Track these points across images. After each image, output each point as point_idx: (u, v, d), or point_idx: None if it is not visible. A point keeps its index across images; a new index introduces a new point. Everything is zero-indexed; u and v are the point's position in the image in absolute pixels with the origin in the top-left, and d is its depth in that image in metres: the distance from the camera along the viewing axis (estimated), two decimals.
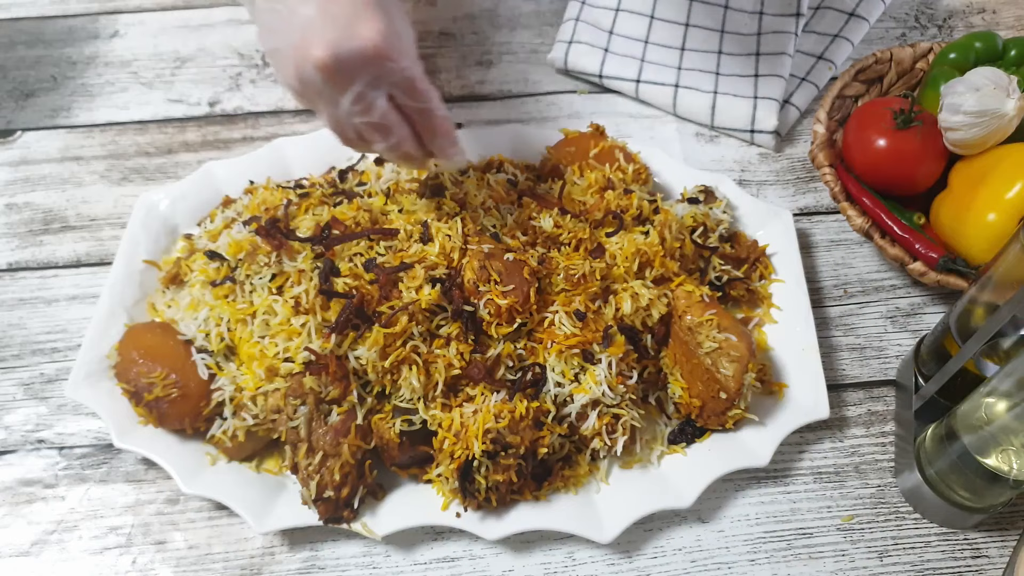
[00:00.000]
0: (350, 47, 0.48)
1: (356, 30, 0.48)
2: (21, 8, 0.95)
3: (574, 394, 0.58)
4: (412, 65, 0.51)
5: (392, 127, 0.54)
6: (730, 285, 0.67)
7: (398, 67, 0.50)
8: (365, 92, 0.51)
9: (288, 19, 0.50)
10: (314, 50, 0.48)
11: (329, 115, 0.53)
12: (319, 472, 0.56)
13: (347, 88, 0.50)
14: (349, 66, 0.49)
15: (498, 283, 0.58)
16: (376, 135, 0.54)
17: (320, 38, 0.48)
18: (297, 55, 0.49)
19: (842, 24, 0.86)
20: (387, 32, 0.49)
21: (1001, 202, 0.61)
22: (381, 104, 0.52)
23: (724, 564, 0.58)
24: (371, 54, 0.49)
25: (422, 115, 0.54)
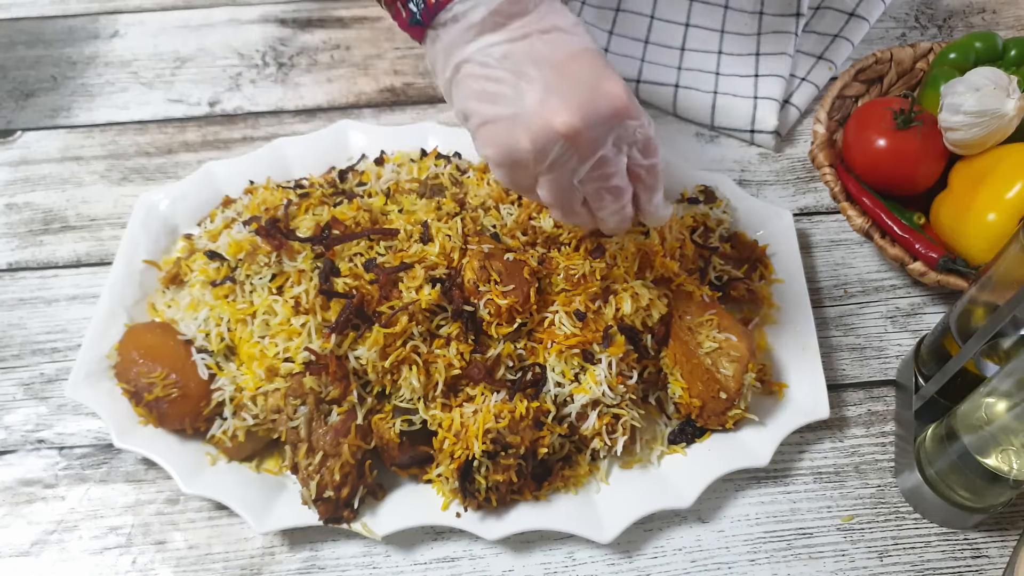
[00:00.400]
0: (599, 108, 0.45)
1: (602, 89, 0.46)
2: (21, 8, 0.95)
3: (574, 394, 0.58)
4: (648, 122, 0.49)
5: (625, 188, 0.51)
6: (730, 285, 0.67)
7: (638, 124, 0.48)
8: (608, 155, 0.48)
9: (515, 86, 0.46)
10: (560, 115, 0.45)
11: (555, 185, 0.49)
12: (319, 472, 0.56)
13: (593, 152, 0.47)
14: (597, 128, 0.46)
15: (498, 283, 0.58)
16: (609, 198, 0.51)
17: (565, 102, 0.45)
18: (536, 122, 0.45)
19: (842, 24, 0.86)
20: (627, 89, 0.47)
21: (1001, 202, 0.61)
22: (622, 164, 0.49)
23: (724, 564, 0.58)
24: (620, 114, 0.46)
25: (650, 171, 0.52)
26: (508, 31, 0.46)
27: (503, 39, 0.46)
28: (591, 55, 0.47)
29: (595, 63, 0.47)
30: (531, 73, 0.46)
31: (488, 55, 0.46)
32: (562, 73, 0.46)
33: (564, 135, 0.45)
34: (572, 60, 0.46)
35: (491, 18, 0.46)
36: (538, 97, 0.46)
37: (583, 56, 0.47)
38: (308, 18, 0.93)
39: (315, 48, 0.91)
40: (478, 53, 0.47)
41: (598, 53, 0.47)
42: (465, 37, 0.47)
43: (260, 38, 0.92)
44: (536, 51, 0.46)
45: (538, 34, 0.47)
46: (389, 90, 0.87)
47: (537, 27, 0.47)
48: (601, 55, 0.48)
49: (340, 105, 0.86)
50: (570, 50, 0.47)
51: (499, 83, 0.46)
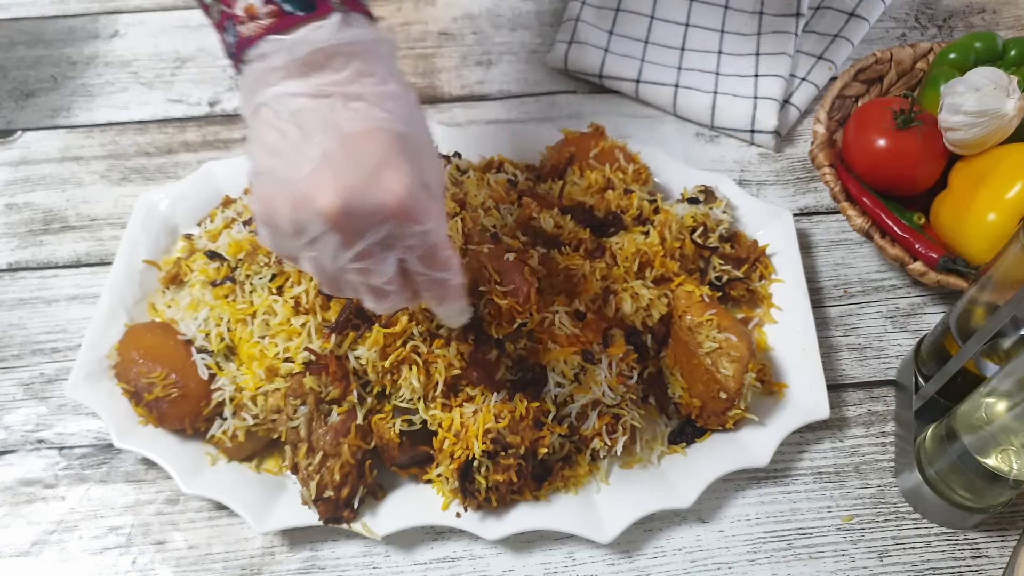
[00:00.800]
0: (366, 200, 0.40)
1: (380, 179, 0.40)
2: (21, 8, 0.95)
3: (574, 394, 0.58)
4: (438, 228, 0.43)
5: (393, 293, 0.45)
6: (730, 285, 0.67)
7: (420, 230, 0.42)
8: (372, 251, 0.42)
9: (299, 145, 0.41)
10: (324, 192, 0.40)
11: (315, 264, 0.44)
12: (319, 472, 0.56)
13: (354, 243, 0.42)
14: (362, 220, 0.41)
15: (498, 283, 0.58)
16: (370, 297, 0.46)
17: (334, 180, 0.40)
18: (300, 192, 0.40)
19: (842, 24, 0.86)
20: (414, 187, 0.41)
21: (1001, 202, 0.61)
22: (388, 269, 0.43)
23: (724, 564, 0.58)
24: (392, 211, 0.40)
25: (434, 284, 0.46)
26: (312, 83, 0.41)
27: (304, 91, 0.41)
28: (389, 139, 0.41)
29: (389, 149, 0.41)
30: (316, 138, 0.41)
31: (283, 105, 0.42)
32: (347, 149, 0.40)
33: (323, 215, 0.40)
34: (364, 138, 0.41)
35: (295, 66, 0.41)
36: (312, 166, 0.40)
37: (378, 137, 0.41)
38: None
39: None
40: (275, 100, 0.42)
41: (401, 140, 0.42)
42: (268, 79, 0.42)
43: None
44: (332, 116, 0.41)
45: (342, 98, 0.41)
46: None
47: (345, 89, 0.41)
48: (403, 143, 0.42)
49: None
50: (368, 126, 0.41)
51: (284, 138, 0.41)
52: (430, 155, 0.45)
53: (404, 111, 0.43)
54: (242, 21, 0.42)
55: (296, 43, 0.41)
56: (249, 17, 0.42)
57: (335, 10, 0.42)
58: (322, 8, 0.42)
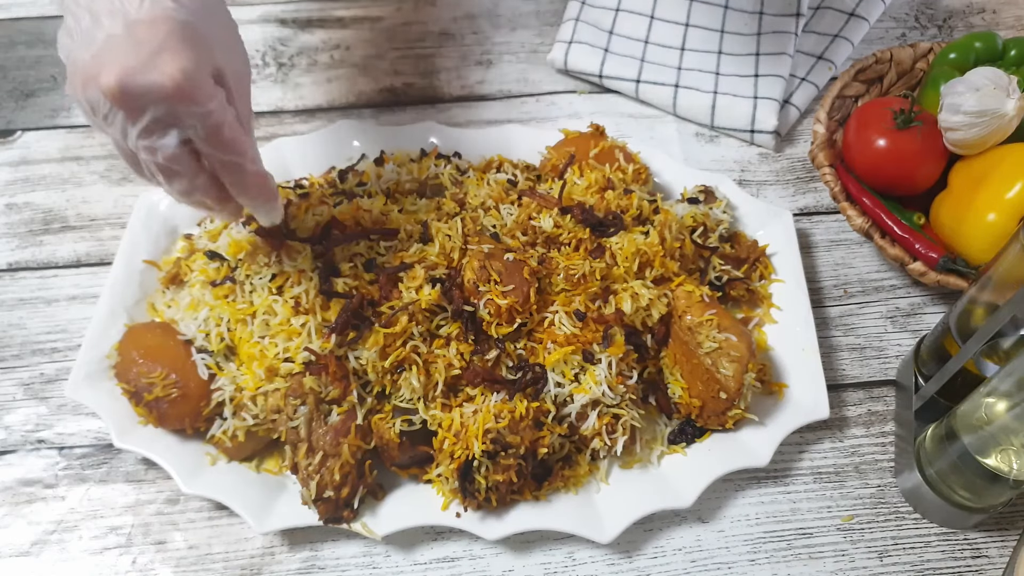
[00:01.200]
0: (144, 80, 0.43)
1: (157, 62, 0.43)
2: (21, 8, 0.95)
3: (574, 394, 0.58)
4: (220, 110, 0.46)
5: (181, 172, 0.48)
6: (730, 285, 0.67)
7: (200, 111, 0.45)
8: (153, 128, 0.45)
9: (89, 29, 0.45)
10: (105, 73, 0.43)
11: (113, 141, 0.48)
12: (319, 472, 0.56)
13: (136, 119, 0.45)
14: (139, 99, 0.44)
15: (498, 283, 0.58)
16: (160, 176, 0.48)
17: (115, 61, 0.43)
18: (87, 72, 0.44)
19: (842, 24, 0.86)
20: (193, 71, 0.44)
21: (1001, 202, 0.61)
22: (168, 144, 0.46)
23: (724, 564, 0.58)
24: (168, 92, 0.43)
25: (227, 167, 0.48)
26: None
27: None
28: (172, 26, 0.44)
29: (170, 35, 0.44)
30: (104, 21, 0.44)
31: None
32: (131, 32, 0.44)
33: (105, 93, 0.43)
34: (148, 24, 0.44)
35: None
36: (97, 50, 0.44)
37: (162, 24, 0.44)
38: (308, 18, 0.93)
39: (315, 48, 0.91)
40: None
41: (184, 27, 0.45)
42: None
43: (260, 38, 0.92)
44: (121, 4, 0.44)
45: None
46: (389, 90, 0.87)
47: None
48: (186, 31, 0.45)
49: (340, 105, 0.86)
50: (153, 14, 0.44)
51: (78, 22, 0.45)
52: (225, 45, 0.48)
53: (194, 3, 0.46)
54: None
55: None
56: None
57: None
58: None
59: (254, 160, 0.49)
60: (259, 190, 0.51)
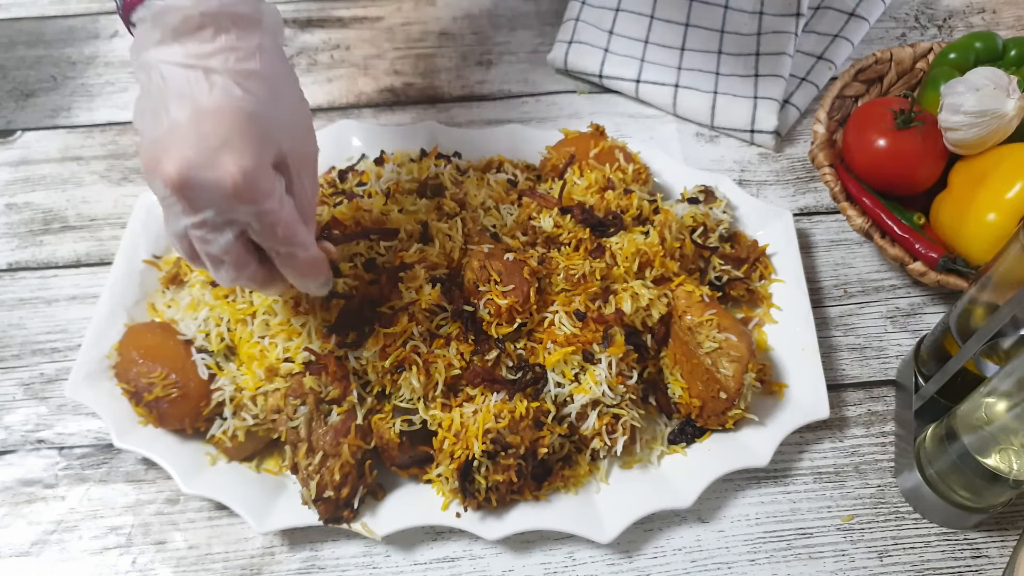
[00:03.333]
0: (203, 177, 0.42)
1: (218, 158, 0.42)
2: (21, 8, 0.95)
3: (574, 394, 0.58)
4: (276, 208, 0.45)
5: (231, 264, 0.47)
6: (730, 285, 0.67)
7: (257, 210, 0.44)
8: (209, 223, 0.44)
9: (157, 110, 0.43)
10: (167, 162, 0.42)
11: (167, 224, 0.47)
12: (319, 472, 0.56)
13: (190, 214, 0.44)
14: (197, 194, 0.43)
15: (498, 283, 0.58)
16: (209, 265, 0.48)
17: (177, 152, 0.42)
18: (150, 156, 0.43)
19: (842, 24, 0.86)
20: (253, 170, 0.43)
21: (1001, 202, 0.61)
22: (224, 241, 0.45)
23: (724, 564, 0.58)
24: (226, 192, 0.43)
25: (280, 256, 0.48)
26: (180, 52, 0.43)
27: (172, 59, 0.43)
28: (238, 117, 0.43)
29: (235, 128, 0.43)
30: (172, 108, 0.43)
31: (154, 69, 0.44)
32: (196, 122, 0.42)
33: (164, 181, 0.43)
34: (214, 114, 0.43)
35: (168, 32, 0.43)
36: (162, 134, 0.43)
37: (228, 115, 0.43)
38: (308, 18, 0.93)
39: (315, 48, 0.91)
40: (149, 63, 0.44)
41: (250, 119, 0.43)
42: (147, 42, 0.44)
43: None
44: (190, 88, 0.43)
45: (203, 72, 0.43)
46: (389, 90, 0.87)
47: (207, 63, 0.43)
48: (252, 121, 0.43)
49: (340, 105, 0.86)
50: (220, 104, 0.43)
51: (149, 100, 0.44)
52: (294, 131, 0.47)
53: (264, 90, 0.45)
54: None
55: (167, 10, 0.43)
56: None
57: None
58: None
59: (307, 247, 0.48)
60: (310, 272, 0.50)
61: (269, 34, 0.46)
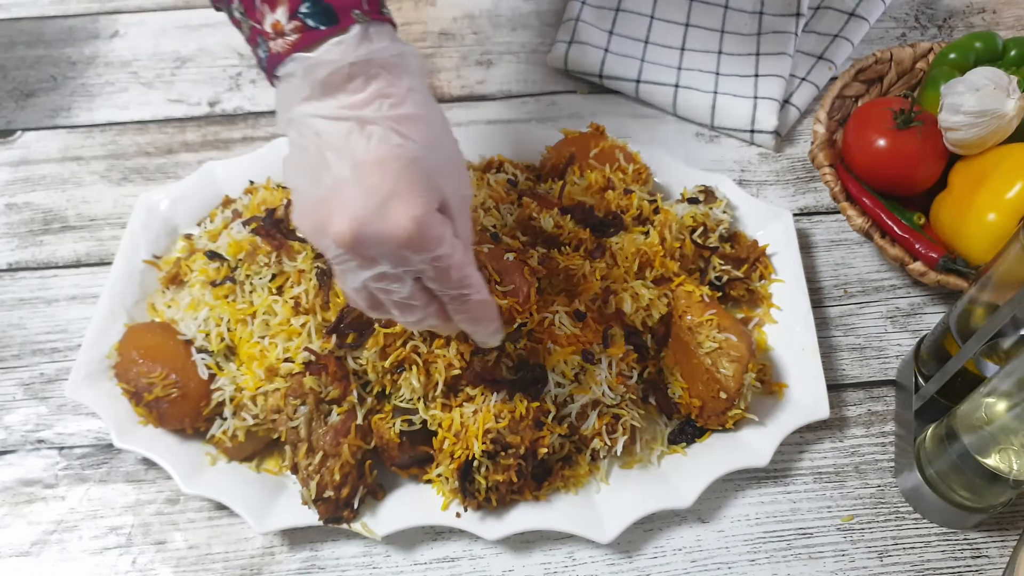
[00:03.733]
0: (375, 231, 0.41)
1: (388, 210, 0.41)
2: (21, 8, 0.95)
3: (574, 394, 0.58)
4: (448, 252, 0.44)
5: (417, 307, 0.47)
6: (730, 285, 0.67)
7: (430, 257, 0.43)
8: (386, 276, 0.44)
9: (316, 168, 0.42)
10: (336, 221, 0.41)
11: (340, 278, 0.47)
12: (319, 472, 0.56)
13: (369, 267, 0.44)
14: (371, 249, 0.42)
15: (498, 283, 0.58)
16: (395, 311, 0.48)
17: (345, 210, 0.41)
18: (316, 217, 0.42)
19: (842, 24, 0.86)
20: (423, 217, 0.41)
21: (1001, 202, 0.61)
22: (408, 289, 0.45)
23: (724, 564, 0.58)
24: (400, 242, 0.41)
25: (453, 299, 0.47)
26: (331, 105, 0.42)
27: (323, 113, 0.42)
28: (401, 167, 0.42)
29: (400, 177, 0.41)
30: (332, 163, 0.42)
31: (306, 126, 0.43)
32: (359, 176, 0.41)
33: (335, 242, 0.42)
34: (376, 166, 0.41)
35: (317, 86, 0.42)
36: (324, 192, 0.42)
37: (389, 166, 0.41)
38: None
39: None
40: (299, 119, 0.43)
41: (411, 164, 0.42)
42: (295, 97, 0.43)
43: None
44: (347, 143, 0.42)
45: (358, 123, 0.42)
46: None
47: (361, 113, 0.42)
48: (414, 167, 0.42)
49: None
50: (380, 154, 0.41)
51: (306, 158, 0.43)
52: (452, 176, 0.45)
53: (421, 133, 0.43)
54: (271, 37, 0.43)
55: (315, 65, 0.42)
56: (277, 34, 0.43)
57: (356, 22, 0.42)
58: (344, 20, 0.42)
59: (480, 290, 0.48)
60: (482, 316, 0.49)
61: (416, 75, 0.44)
